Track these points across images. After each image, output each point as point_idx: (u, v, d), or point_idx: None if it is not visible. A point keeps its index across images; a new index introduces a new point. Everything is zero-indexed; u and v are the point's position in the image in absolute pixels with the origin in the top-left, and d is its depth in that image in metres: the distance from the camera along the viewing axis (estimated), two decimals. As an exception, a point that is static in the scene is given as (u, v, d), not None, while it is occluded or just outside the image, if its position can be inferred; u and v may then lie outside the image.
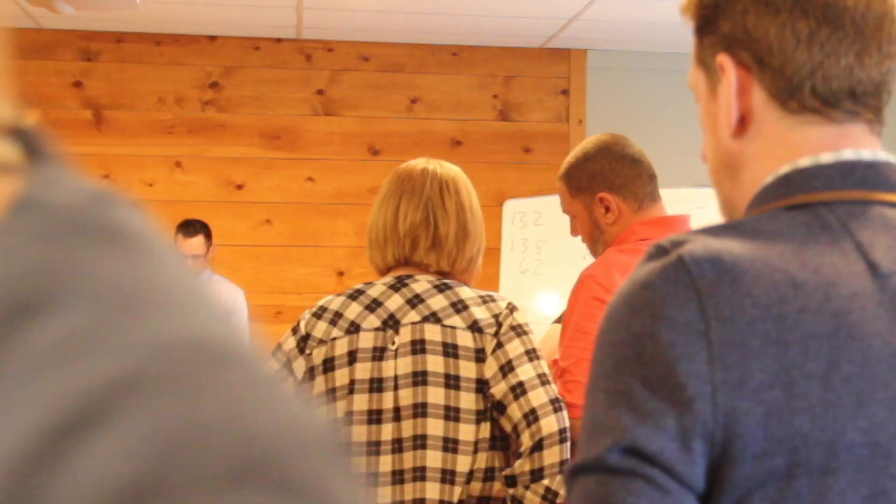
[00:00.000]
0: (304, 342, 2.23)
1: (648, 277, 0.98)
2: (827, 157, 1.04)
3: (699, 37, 1.11)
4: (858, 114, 1.06)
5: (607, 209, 2.55)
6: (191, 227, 5.88)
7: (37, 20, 6.29)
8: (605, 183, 2.54)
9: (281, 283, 6.55)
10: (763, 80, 1.06)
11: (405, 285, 2.24)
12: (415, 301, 2.21)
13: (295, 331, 2.26)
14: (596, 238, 2.59)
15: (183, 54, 6.68)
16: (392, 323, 2.20)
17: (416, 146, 6.36)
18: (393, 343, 2.18)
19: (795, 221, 1.01)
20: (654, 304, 0.96)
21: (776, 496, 0.95)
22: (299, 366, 2.21)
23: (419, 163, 2.35)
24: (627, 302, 0.99)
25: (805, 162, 1.05)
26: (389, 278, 2.27)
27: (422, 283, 2.23)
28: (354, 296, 2.26)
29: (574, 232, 2.65)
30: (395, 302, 2.22)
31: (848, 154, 1.05)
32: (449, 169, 2.35)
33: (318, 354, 2.21)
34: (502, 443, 2.20)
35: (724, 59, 1.08)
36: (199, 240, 5.84)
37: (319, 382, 2.19)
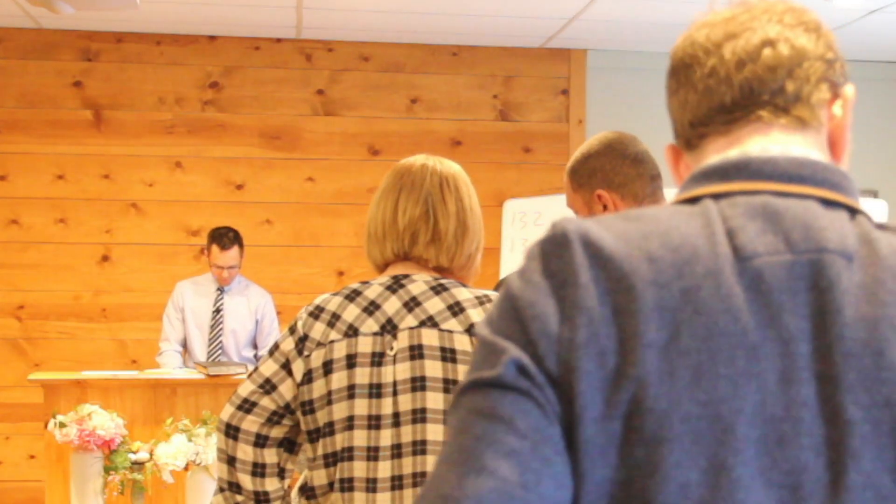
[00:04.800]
0: (301, 343, 2.22)
1: (531, 248, 1.06)
2: (733, 154, 1.11)
3: None
4: (738, 119, 1.12)
5: (605, 207, 2.55)
6: (225, 237, 5.81)
7: (37, 20, 6.29)
8: (603, 180, 2.55)
9: (281, 283, 6.54)
10: (678, 142, 1.19)
11: (401, 286, 2.22)
12: (411, 304, 2.20)
13: (293, 331, 2.25)
14: None
15: (183, 54, 6.67)
16: (390, 328, 2.18)
17: (416, 146, 6.36)
18: (391, 348, 2.17)
19: (678, 211, 1.08)
20: (529, 270, 1.04)
21: (616, 463, 0.97)
22: (298, 367, 2.21)
23: (418, 159, 2.34)
24: (517, 272, 1.07)
25: (714, 162, 1.11)
26: (386, 278, 2.26)
27: (418, 285, 2.22)
28: (351, 297, 2.24)
29: None
30: (392, 305, 2.20)
31: (753, 149, 1.10)
32: (449, 166, 2.34)
33: (317, 357, 2.19)
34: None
35: (666, 149, 1.22)
36: (234, 251, 5.81)
37: (319, 385, 2.19)
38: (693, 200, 1.09)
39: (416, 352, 2.16)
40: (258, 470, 2.23)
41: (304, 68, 6.76)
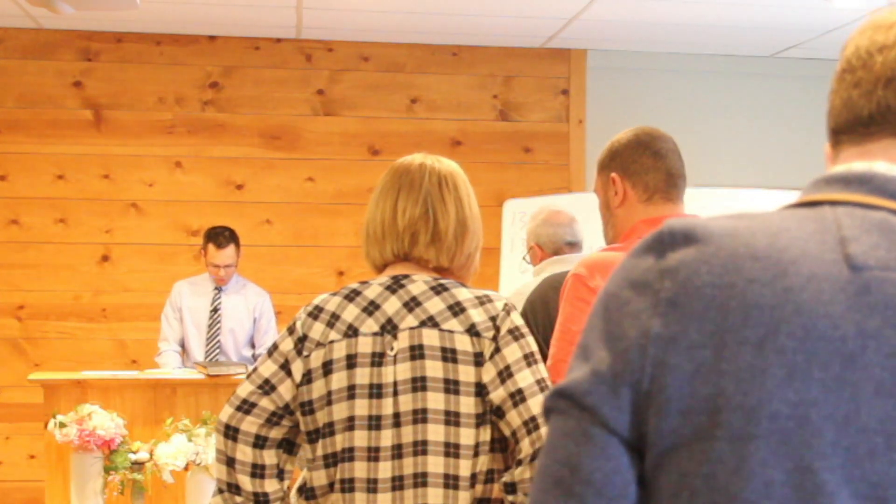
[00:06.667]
0: (301, 343, 2.21)
1: (636, 247, 1.07)
2: (859, 166, 1.10)
3: None
4: (873, 133, 1.11)
5: (616, 193, 2.59)
6: (221, 236, 5.80)
7: (37, 20, 6.28)
8: (620, 165, 2.60)
9: (281, 283, 6.54)
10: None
11: (401, 286, 2.22)
12: (412, 304, 2.19)
13: (291, 331, 2.24)
14: (607, 219, 2.65)
15: (183, 54, 6.67)
16: (390, 328, 2.18)
17: (416, 146, 6.35)
18: (391, 348, 2.17)
19: (794, 214, 1.07)
20: (628, 267, 1.06)
21: (701, 457, 0.98)
22: (297, 368, 2.20)
23: (416, 158, 2.33)
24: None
25: (838, 170, 1.11)
26: (385, 278, 2.25)
27: (418, 285, 2.22)
28: (351, 297, 2.23)
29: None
30: (392, 305, 2.20)
31: (879, 167, 1.10)
32: (447, 164, 2.33)
33: (317, 357, 2.19)
34: (501, 445, 2.18)
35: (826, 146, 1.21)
36: (230, 250, 5.80)
37: (319, 385, 2.18)
38: (811, 205, 1.08)
39: (416, 352, 2.16)
40: (258, 471, 2.22)
41: (304, 68, 6.75)
